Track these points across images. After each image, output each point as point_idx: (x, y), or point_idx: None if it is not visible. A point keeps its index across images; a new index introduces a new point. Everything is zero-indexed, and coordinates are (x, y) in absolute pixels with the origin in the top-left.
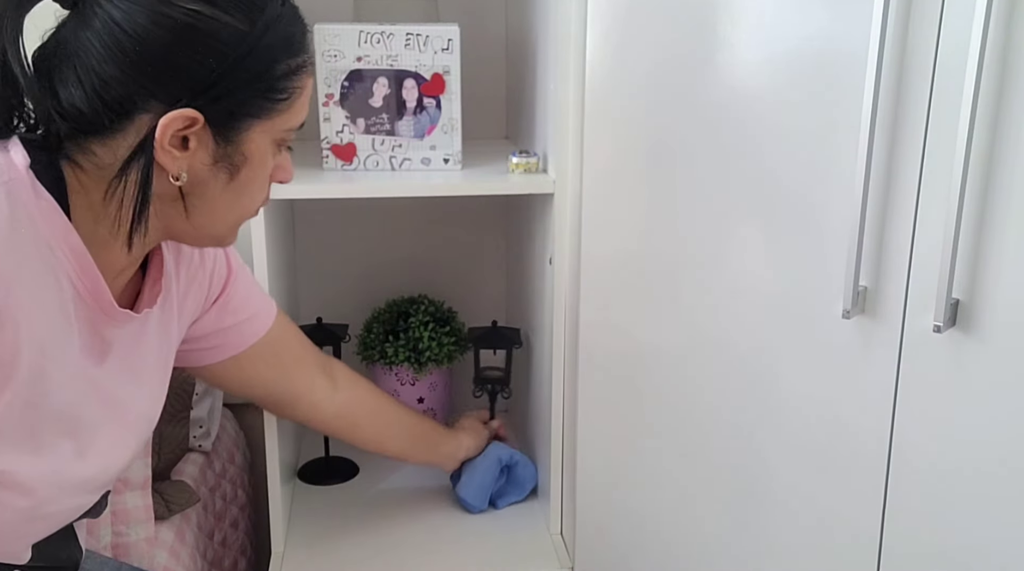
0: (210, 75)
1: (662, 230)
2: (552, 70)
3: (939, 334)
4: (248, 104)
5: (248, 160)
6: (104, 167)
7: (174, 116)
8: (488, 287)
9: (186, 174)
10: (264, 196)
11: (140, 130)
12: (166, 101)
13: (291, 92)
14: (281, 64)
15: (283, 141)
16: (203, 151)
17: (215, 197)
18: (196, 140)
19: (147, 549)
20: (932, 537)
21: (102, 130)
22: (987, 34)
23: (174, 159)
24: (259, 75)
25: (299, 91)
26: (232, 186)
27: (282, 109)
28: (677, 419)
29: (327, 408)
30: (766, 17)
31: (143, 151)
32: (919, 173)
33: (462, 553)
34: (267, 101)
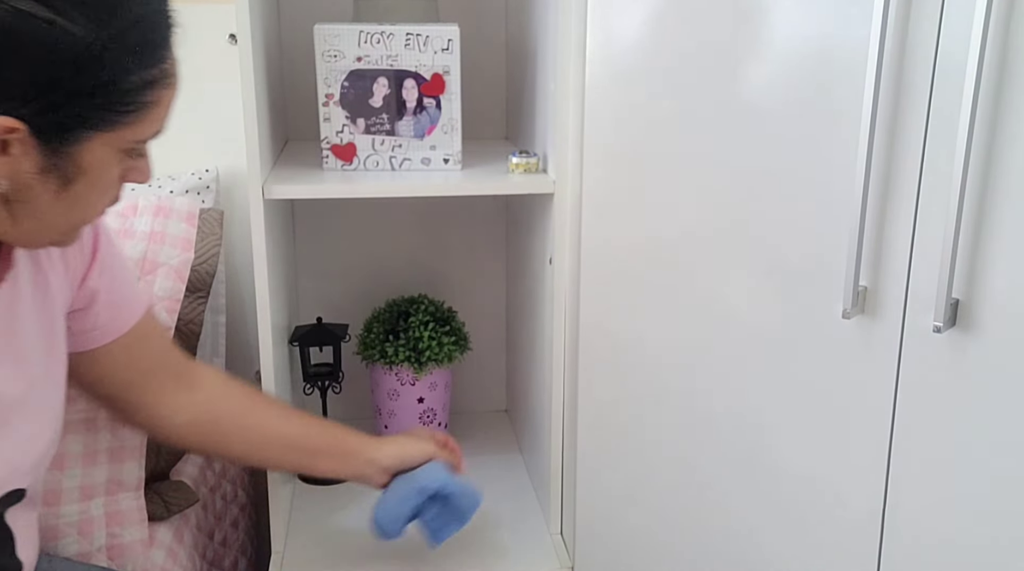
0: (37, 84)
1: (662, 230)
2: (552, 70)
3: (939, 334)
4: (85, 117)
5: (84, 171)
6: None
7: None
8: (488, 287)
9: (6, 181)
10: (110, 200)
11: None
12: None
13: (142, 106)
14: (132, 76)
15: (132, 150)
16: (27, 159)
17: (44, 205)
18: (19, 147)
19: (142, 550)
20: (932, 537)
21: None
22: (987, 34)
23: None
24: (101, 88)
25: (152, 104)
26: (65, 195)
27: (130, 122)
28: (677, 419)
29: (176, 419)
30: (766, 17)
31: None
32: (919, 173)
33: (462, 553)
34: (110, 114)
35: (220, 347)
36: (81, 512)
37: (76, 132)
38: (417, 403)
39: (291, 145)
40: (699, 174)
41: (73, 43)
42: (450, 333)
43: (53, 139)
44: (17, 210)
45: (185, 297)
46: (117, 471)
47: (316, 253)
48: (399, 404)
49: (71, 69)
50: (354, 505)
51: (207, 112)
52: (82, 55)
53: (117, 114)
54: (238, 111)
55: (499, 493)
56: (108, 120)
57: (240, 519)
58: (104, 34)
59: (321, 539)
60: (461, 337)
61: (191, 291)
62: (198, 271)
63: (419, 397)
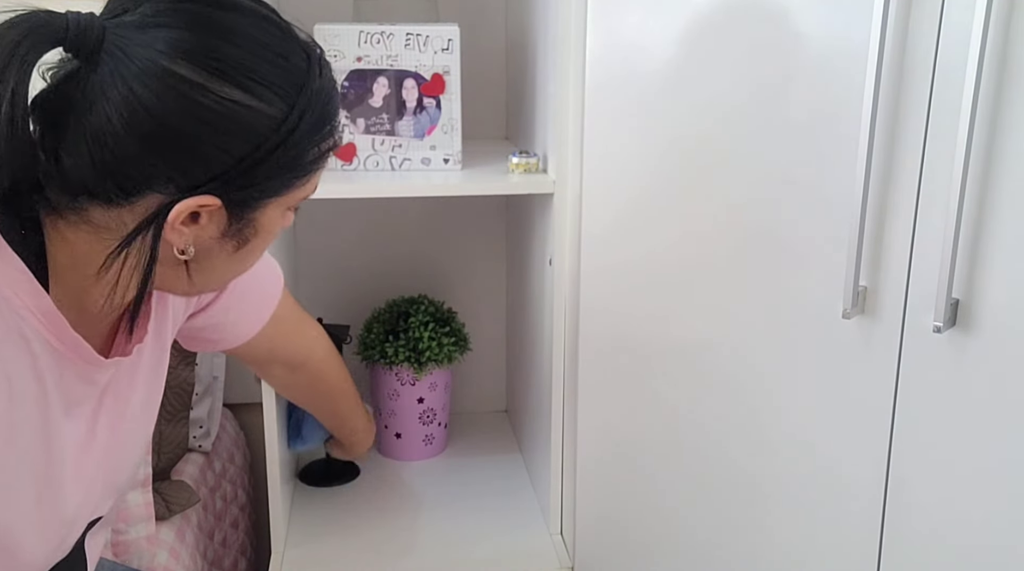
0: (234, 162)
1: (662, 230)
2: (552, 70)
3: (939, 334)
4: (270, 187)
5: (258, 232)
6: (100, 229)
7: (191, 202)
8: (488, 287)
9: (193, 247)
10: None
11: (150, 206)
12: (185, 185)
13: (313, 171)
14: (314, 147)
15: (296, 206)
16: (213, 227)
17: (219, 264)
18: (208, 217)
19: (147, 547)
20: (932, 537)
21: (105, 200)
22: (987, 34)
23: (183, 236)
24: (288, 161)
25: (320, 168)
26: (239, 255)
27: (302, 184)
28: (677, 419)
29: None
30: (766, 17)
31: (150, 226)
32: (919, 173)
33: (462, 553)
34: (289, 181)
35: None
36: None
37: (261, 201)
38: (417, 403)
39: None
40: (699, 174)
41: (268, 123)
42: (450, 333)
43: (240, 209)
44: (193, 270)
45: None
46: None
47: (316, 253)
48: (399, 404)
49: (265, 147)
50: (354, 505)
51: None
52: (275, 133)
53: (296, 180)
54: None
55: (499, 493)
56: (286, 187)
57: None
58: (294, 112)
59: (321, 539)
60: (461, 337)
61: None
62: None
63: (419, 397)
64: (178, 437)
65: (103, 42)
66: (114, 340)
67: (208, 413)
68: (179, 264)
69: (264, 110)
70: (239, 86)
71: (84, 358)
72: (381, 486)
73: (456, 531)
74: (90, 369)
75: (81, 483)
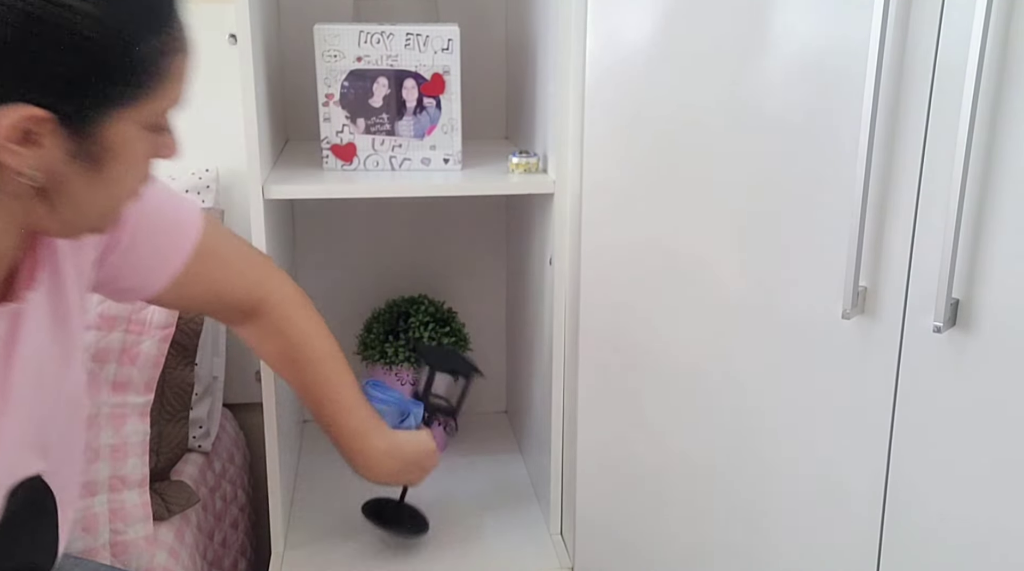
0: (55, 68)
1: (662, 230)
2: (552, 70)
3: (939, 334)
4: (104, 95)
5: (112, 151)
6: None
7: (12, 115)
8: (488, 287)
9: (41, 173)
10: (141, 179)
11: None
12: (4, 98)
13: (156, 75)
14: (142, 45)
15: (155, 124)
16: (56, 148)
17: (79, 192)
18: (48, 137)
19: (146, 547)
20: (932, 537)
21: None
22: (987, 34)
23: (18, 157)
24: (114, 62)
25: (167, 71)
26: (98, 179)
27: (147, 93)
28: (677, 419)
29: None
30: (766, 17)
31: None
32: (919, 173)
33: (462, 553)
34: (127, 87)
35: (220, 346)
36: (85, 508)
37: (98, 112)
38: None
39: (291, 145)
40: (699, 174)
41: (81, 21)
42: (450, 333)
43: (78, 123)
44: (54, 201)
45: None
46: (119, 467)
47: (316, 253)
48: None
49: (84, 48)
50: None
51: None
52: (92, 32)
53: (133, 87)
54: (238, 111)
55: (499, 493)
56: (126, 95)
57: (240, 519)
58: (109, 7)
59: (321, 539)
60: (461, 337)
61: None
62: None
63: None
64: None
65: None
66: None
67: (208, 413)
68: (35, 195)
69: (75, 6)
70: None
71: None
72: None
73: (456, 531)
74: None
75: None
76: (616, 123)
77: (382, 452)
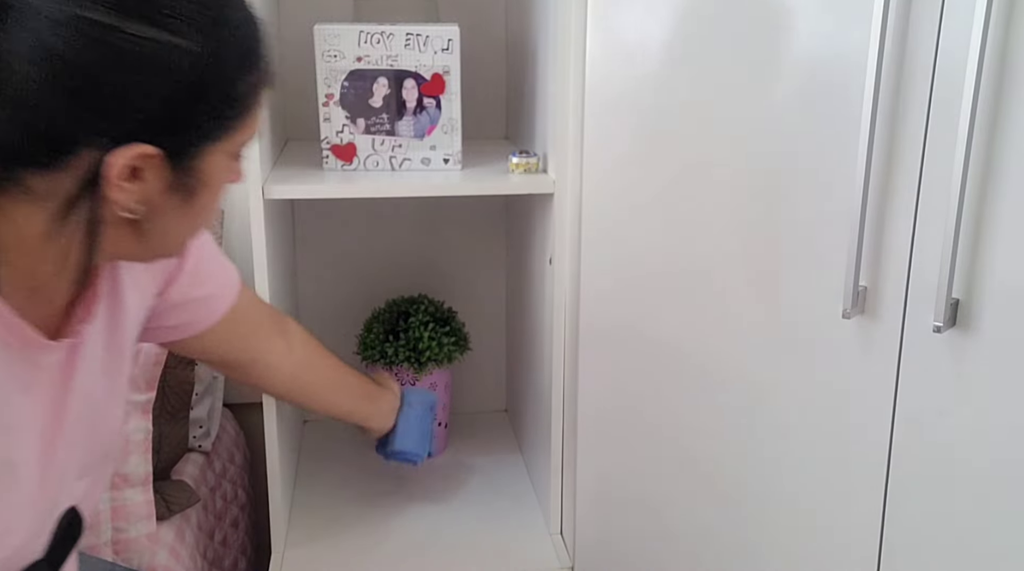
0: (163, 106)
1: (662, 230)
2: (552, 70)
3: (939, 334)
4: (205, 130)
5: (204, 183)
6: (40, 198)
7: (128, 154)
8: (488, 287)
9: (142, 206)
10: (218, 205)
11: (85, 165)
12: (115, 135)
13: (248, 108)
14: (241, 82)
15: (238, 154)
16: (157, 180)
17: (170, 222)
18: (150, 170)
19: (148, 545)
20: (932, 537)
21: (37, 164)
22: (987, 34)
23: (126, 193)
24: (217, 99)
25: (256, 104)
26: (188, 209)
27: (239, 126)
28: (677, 419)
29: (282, 370)
30: (766, 17)
31: (91, 187)
32: (919, 173)
33: (462, 553)
34: (226, 122)
35: None
36: None
37: (198, 147)
38: None
39: (291, 145)
40: (699, 174)
41: (187, 59)
42: (450, 333)
43: (180, 158)
44: (144, 230)
45: None
46: (121, 465)
47: (316, 253)
48: None
49: (189, 85)
50: (354, 505)
51: None
52: (197, 70)
53: (230, 121)
54: None
55: (499, 493)
56: (224, 128)
57: (240, 519)
58: (213, 45)
59: (321, 539)
60: (461, 337)
61: None
62: None
63: None
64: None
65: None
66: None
67: (208, 413)
68: (130, 226)
69: (181, 45)
70: (152, 23)
71: (23, 341)
72: (381, 485)
73: (456, 531)
74: (32, 351)
75: (53, 469)
76: (616, 123)
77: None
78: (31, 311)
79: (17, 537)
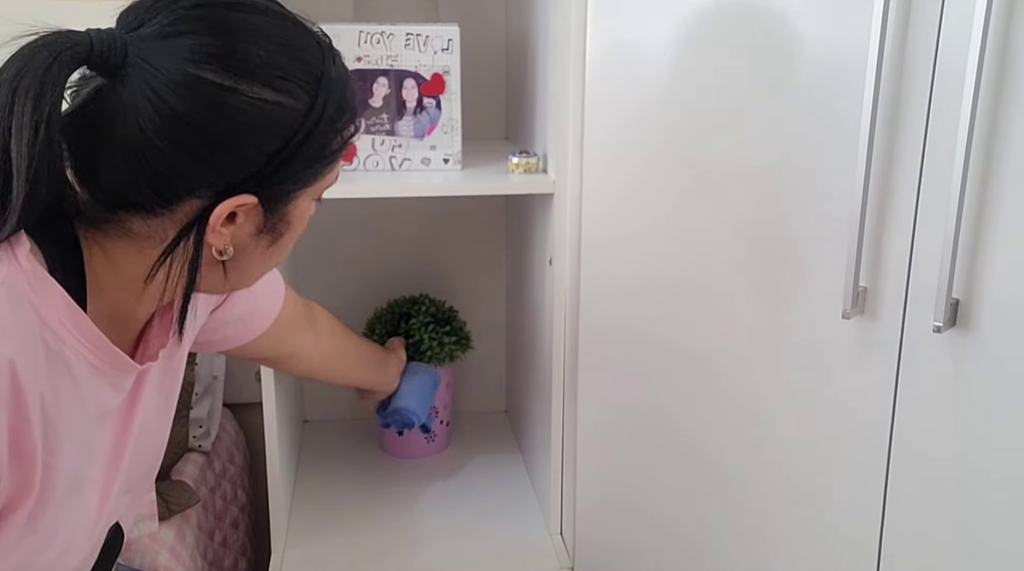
0: (265, 158)
1: (662, 230)
2: (552, 70)
3: (939, 334)
4: (302, 180)
5: (291, 224)
6: (141, 238)
7: (231, 203)
8: (488, 287)
9: (232, 247)
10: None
11: (190, 211)
12: (222, 187)
13: (338, 156)
14: (338, 135)
15: (321, 196)
16: (250, 224)
17: (254, 260)
18: (244, 216)
19: (150, 545)
20: (932, 537)
21: (146, 211)
22: (987, 34)
23: (222, 237)
24: (315, 152)
25: (344, 151)
26: (273, 249)
27: (327, 172)
28: (677, 419)
29: (313, 360)
30: (766, 18)
31: (192, 231)
32: (919, 173)
33: (462, 553)
34: (317, 171)
35: None
36: None
37: (292, 194)
38: None
39: None
40: (699, 174)
41: (295, 116)
42: (451, 333)
43: (275, 204)
44: (230, 268)
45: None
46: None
47: (316, 253)
48: None
49: (295, 140)
50: (354, 505)
51: None
52: (303, 126)
53: (322, 168)
54: None
55: (499, 493)
56: (314, 177)
57: (240, 519)
58: (318, 102)
59: (321, 539)
60: (462, 337)
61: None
62: None
63: None
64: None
65: (127, 56)
66: (139, 344)
67: (208, 413)
68: (217, 264)
69: (291, 104)
70: (266, 84)
71: (119, 368)
72: (381, 485)
73: (456, 531)
74: (121, 377)
75: (110, 487)
76: (616, 123)
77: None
78: (112, 336)
79: (76, 557)
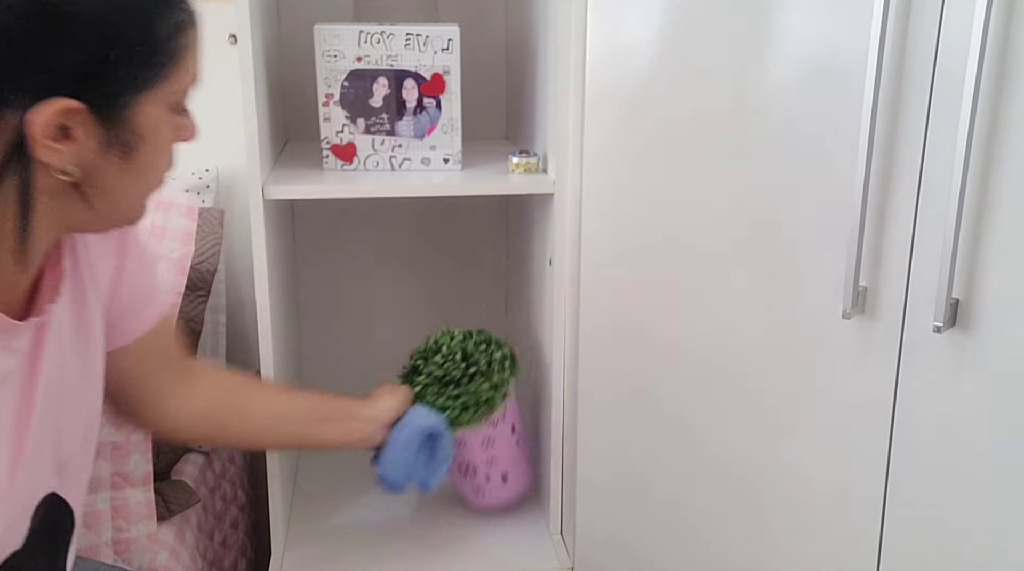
0: (80, 56)
1: (662, 230)
2: (552, 70)
3: (939, 334)
4: (129, 79)
5: (142, 136)
6: None
7: (49, 110)
8: (488, 287)
9: (77, 167)
10: (168, 163)
11: (8, 128)
12: (35, 92)
13: (175, 53)
14: (160, 25)
15: (177, 104)
16: (89, 138)
17: (113, 181)
18: (79, 128)
19: (149, 545)
20: (932, 537)
21: None
22: (987, 34)
23: (57, 153)
24: (137, 45)
25: (184, 49)
26: (130, 166)
27: (168, 74)
28: (678, 419)
29: (180, 413)
30: (766, 18)
31: (18, 152)
32: (919, 173)
33: (462, 553)
34: (151, 68)
35: (220, 347)
36: (87, 505)
37: (126, 97)
38: None
39: (291, 145)
40: (699, 174)
41: (102, 7)
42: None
43: (107, 110)
44: (89, 194)
45: (186, 296)
46: (121, 465)
47: (316, 253)
48: None
49: (107, 33)
50: (354, 505)
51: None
52: (112, 17)
53: (156, 67)
54: (238, 111)
55: None
56: (151, 76)
57: (240, 519)
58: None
59: (321, 539)
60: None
61: (192, 289)
62: (198, 269)
63: None
64: None
65: None
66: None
67: None
68: (74, 192)
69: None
70: None
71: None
72: None
73: (456, 531)
74: (9, 337)
75: (20, 453)
76: (616, 123)
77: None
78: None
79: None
